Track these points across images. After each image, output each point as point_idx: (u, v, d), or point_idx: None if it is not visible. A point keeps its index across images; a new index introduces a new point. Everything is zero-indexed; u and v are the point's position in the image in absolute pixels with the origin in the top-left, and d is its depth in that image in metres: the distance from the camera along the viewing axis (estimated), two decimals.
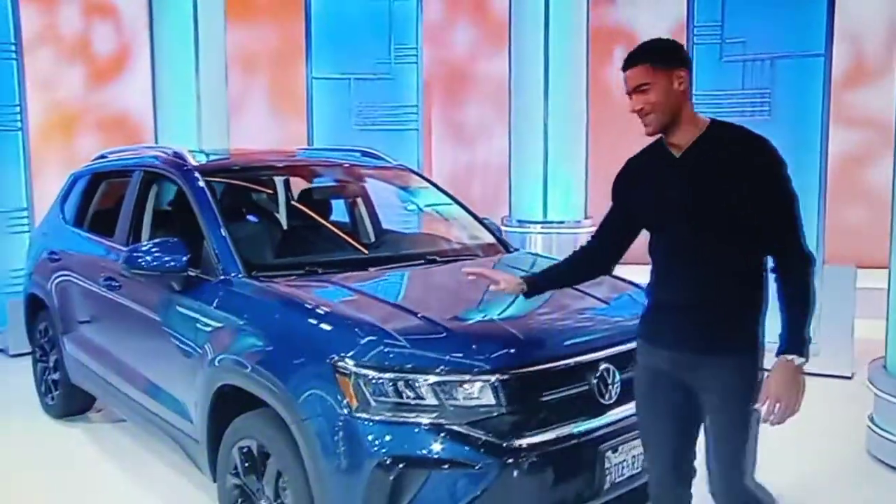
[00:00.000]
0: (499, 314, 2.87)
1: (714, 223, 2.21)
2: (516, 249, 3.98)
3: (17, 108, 6.36)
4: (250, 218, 3.85)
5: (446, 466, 2.41)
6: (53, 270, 4.50)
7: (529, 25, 6.42)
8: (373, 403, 2.44)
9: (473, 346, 2.53)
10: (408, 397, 2.45)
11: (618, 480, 2.69)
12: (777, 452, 4.21)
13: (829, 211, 5.53)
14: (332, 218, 4.11)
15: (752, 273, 2.26)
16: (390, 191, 4.35)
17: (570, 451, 2.57)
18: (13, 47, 6.28)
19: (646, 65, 2.24)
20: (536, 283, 2.60)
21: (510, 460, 2.44)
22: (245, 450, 2.84)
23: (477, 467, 2.42)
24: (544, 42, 6.37)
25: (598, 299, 3.15)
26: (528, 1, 6.51)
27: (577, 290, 3.06)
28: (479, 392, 2.48)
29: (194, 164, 3.62)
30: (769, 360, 2.27)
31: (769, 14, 5.47)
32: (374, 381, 2.45)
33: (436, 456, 2.41)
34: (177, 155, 3.75)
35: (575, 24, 6.44)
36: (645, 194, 2.34)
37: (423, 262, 3.50)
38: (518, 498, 2.47)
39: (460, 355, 2.51)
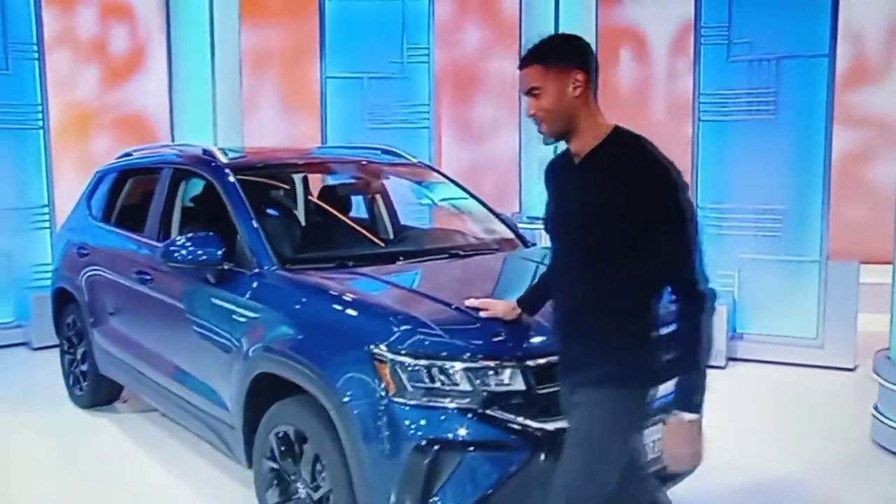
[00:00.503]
0: None
1: (599, 237, 2.05)
2: (533, 244, 4.11)
3: (39, 108, 6.50)
4: (280, 213, 3.98)
5: (479, 448, 2.54)
6: (83, 265, 4.63)
7: (540, 25, 6.54)
8: (409, 389, 2.57)
9: (504, 335, 2.66)
10: (443, 383, 2.57)
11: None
12: (784, 440, 4.38)
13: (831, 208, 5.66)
14: (356, 213, 4.25)
15: (638, 297, 2.09)
16: (412, 187, 4.49)
17: None
18: (35, 48, 6.43)
19: (538, 66, 2.07)
20: (530, 305, 2.64)
21: (540, 443, 2.57)
22: (282, 435, 2.97)
23: (508, 449, 2.55)
24: None
25: None
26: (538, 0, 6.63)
27: None
28: (509, 378, 2.61)
29: (225, 161, 3.75)
30: None
31: (775, 15, 5.62)
32: (410, 367, 2.58)
33: (469, 438, 2.53)
34: (206, 152, 3.88)
35: (584, 23, 6.56)
36: (550, 201, 2.24)
37: (446, 255, 3.64)
38: (547, 479, 2.59)
39: (492, 343, 2.64)
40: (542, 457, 2.56)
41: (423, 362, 2.58)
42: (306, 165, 4.24)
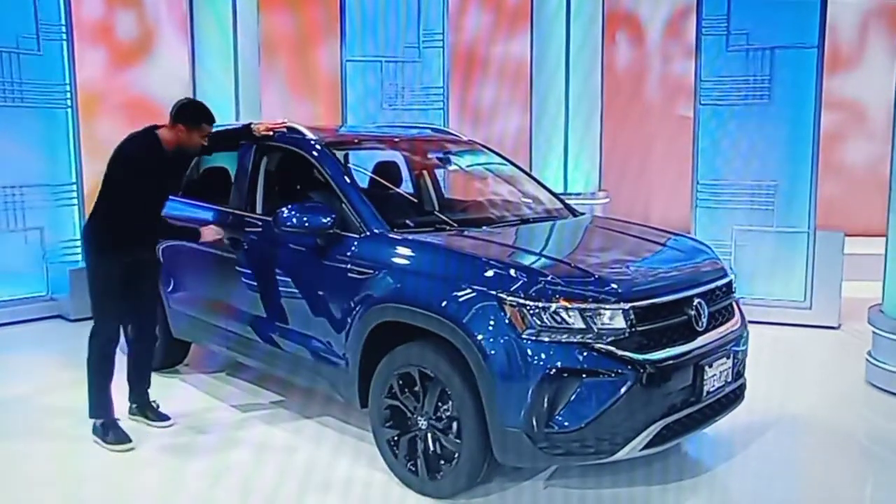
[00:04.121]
0: (615, 261, 3.57)
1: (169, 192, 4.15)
2: (582, 213, 4.62)
3: (67, 87, 6.67)
4: (376, 183, 4.37)
5: (593, 375, 3.05)
6: None
7: (552, 9, 7.00)
8: (535, 327, 3.05)
9: (608, 284, 3.18)
10: (562, 322, 3.06)
11: (712, 389, 3.39)
12: (790, 384, 5.02)
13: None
14: (431, 185, 4.69)
15: None
16: (467, 161, 4.93)
17: (680, 365, 3.24)
18: (64, 29, 6.59)
19: None
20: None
21: (640, 371, 3.09)
22: (404, 375, 3.40)
23: (615, 376, 3.06)
24: (566, 25, 6.96)
25: (669, 247, 3.87)
26: None
27: (647, 239, 3.88)
28: (613, 319, 3.12)
29: (316, 138, 4.12)
30: None
31: (770, 9, 6.22)
32: (535, 309, 3.05)
33: (586, 367, 3.04)
34: (295, 131, 4.24)
35: (592, 7, 7.05)
36: (151, 175, 3.87)
37: (519, 221, 4.15)
38: (646, 399, 3.12)
39: (600, 290, 3.15)
40: (643, 381, 3.09)
41: (546, 305, 3.06)
42: (387, 142, 4.64)
